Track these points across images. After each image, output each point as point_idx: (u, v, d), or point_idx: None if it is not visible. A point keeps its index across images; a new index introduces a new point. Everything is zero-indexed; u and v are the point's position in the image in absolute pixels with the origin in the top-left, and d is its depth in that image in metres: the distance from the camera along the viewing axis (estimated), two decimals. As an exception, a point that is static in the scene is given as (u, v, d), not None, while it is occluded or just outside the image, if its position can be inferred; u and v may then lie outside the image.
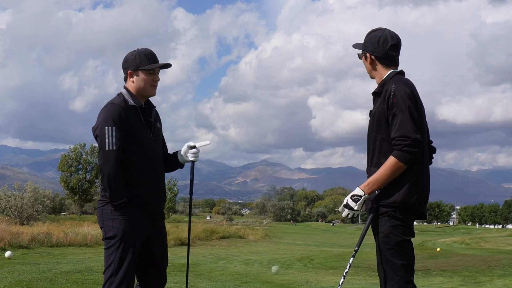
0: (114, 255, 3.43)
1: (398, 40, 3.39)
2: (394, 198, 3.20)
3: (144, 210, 3.51)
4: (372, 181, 3.19)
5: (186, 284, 4.03)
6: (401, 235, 3.21)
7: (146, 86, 3.57)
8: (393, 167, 3.13)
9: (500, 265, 14.49)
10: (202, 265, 14.47)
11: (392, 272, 3.19)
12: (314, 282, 10.73)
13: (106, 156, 3.42)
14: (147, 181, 3.53)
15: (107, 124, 3.43)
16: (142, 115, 3.59)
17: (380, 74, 3.40)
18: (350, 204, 3.21)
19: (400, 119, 3.15)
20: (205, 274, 11.36)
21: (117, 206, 3.42)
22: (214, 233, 34.31)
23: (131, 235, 3.44)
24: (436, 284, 10.44)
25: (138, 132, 3.52)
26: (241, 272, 12.47)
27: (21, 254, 15.03)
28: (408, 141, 3.11)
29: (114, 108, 3.48)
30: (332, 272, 14.33)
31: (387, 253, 3.22)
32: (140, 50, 3.60)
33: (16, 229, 20.32)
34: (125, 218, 3.43)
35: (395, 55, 3.39)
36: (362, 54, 3.46)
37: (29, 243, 17.49)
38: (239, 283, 9.69)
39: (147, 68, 3.53)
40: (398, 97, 3.18)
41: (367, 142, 3.38)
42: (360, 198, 3.18)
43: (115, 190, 3.40)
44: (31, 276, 9.14)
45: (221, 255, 20.39)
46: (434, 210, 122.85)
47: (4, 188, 36.15)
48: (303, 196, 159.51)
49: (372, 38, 3.38)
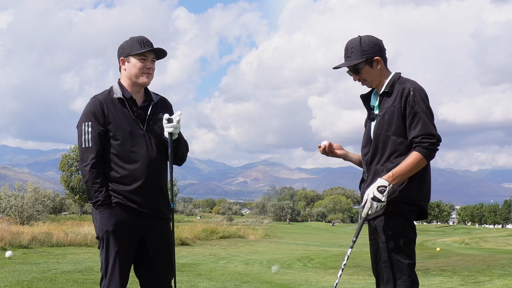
0: (102, 256, 3.34)
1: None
2: (403, 196, 3.20)
3: (129, 208, 3.32)
4: (396, 173, 3.14)
5: (174, 284, 3.60)
6: (408, 235, 3.23)
7: (137, 73, 3.36)
8: (417, 163, 3.14)
9: (500, 265, 14.49)
10: (202, 265, 14.46)
11: (399, 272, 3.18)
12: (314, 282, 10.73)
13: (83, 154, 3.32)
14: (132, 177, 3.32)
15: (84, 120, 3.34)
16: (130, 107, 3.40)
17: (385, 75, 3.37)
18: (377, 196, 3.12)
19: (423, 118, 3.17)
20: (205, 273, 11.36)
21: (96, 205, 3.30)
22: (214, 233, 34.25)
23: (112, 234, 3.28)
24: (435, 284, 10.44)
25: (121, 126, 3.33)
26: (241, 272, 12.47)
27: (22, 254, 15.02)
28: (434, 140, 3.16)
29: (92, 103, 3.37)
30: (332, 272, 14.32)
31: (393, 252, 3.20)
32: (133, 37, 3.44)
33: (17, 229, 20.34)
34: (103, 217, 3.30)
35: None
36: (365, 63, 3.32)
37: (30, 243, 17.47)
38: (239, 282, 9.70)
39: (137, 52, 3.35)
40: (418, 96, 3.19)
41: (373, 140, 3.31)
42: (386, 189, 3.12)
43: (92, 188, 3.29)
44: (32, 276, 9.14)
45: (221, 255, 20.38)
46: (434, 210, 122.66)
47: (5, 188, 36.17)
48: (303, 196, 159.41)
49: (369, 42, 3.33)
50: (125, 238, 3.32)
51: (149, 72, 3.41)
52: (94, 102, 3.36)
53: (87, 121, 3.31)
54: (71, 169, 59.98)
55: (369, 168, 3.33)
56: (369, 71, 3.34)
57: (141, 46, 3.37)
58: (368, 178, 3.35)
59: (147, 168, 3.35)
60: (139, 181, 3.33)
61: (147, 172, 3.35)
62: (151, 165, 3.37)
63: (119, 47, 3.46)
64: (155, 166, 3.40)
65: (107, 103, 3.36)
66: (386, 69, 3.39)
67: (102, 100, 3.37)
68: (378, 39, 3.38)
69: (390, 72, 3.40)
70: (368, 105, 3.47)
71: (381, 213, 3.24)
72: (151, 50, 3.39)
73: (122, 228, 3.31)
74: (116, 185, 3.32)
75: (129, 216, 3.33)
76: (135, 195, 3.33)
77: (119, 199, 3.31)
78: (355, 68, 3.35)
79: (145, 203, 3.36)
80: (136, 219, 3.34)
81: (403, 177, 3.15)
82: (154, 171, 3.39)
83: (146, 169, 3.34)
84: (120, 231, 3.30)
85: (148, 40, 3.42)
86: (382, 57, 3.36)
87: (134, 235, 3.35)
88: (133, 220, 3.33)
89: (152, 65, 3.42)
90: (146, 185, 3.35)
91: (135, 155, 3.34)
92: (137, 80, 3.40)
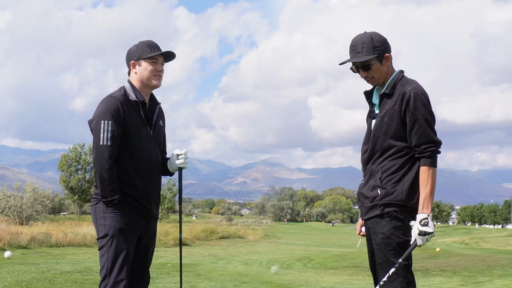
0: (107, 254, 3.33)
1: None
2: (396, 197, 3.19)
3: (137, 209, 3.41)
4: (425, 199, 3.16)
5: (180, 285, 3.97)
6: (402, 236, 3.20)
7: (149, 76, 3.45)
8: (433, 176, 3.16)
9: (500, 265, 14.48)
10: (202, 265, 14.46)
11: (395, 273, 3.16)
12: (314, 282, 10.72)
13: (100, 151, 3.31)
14: (142, 180, 3.42)
15: (104, 118, 3.32)
16: (142, 110, 3.48)
17: (390, 73, 3.32)
18: (424, 229, 3.13)
19: (423, 125, 3.15)
20: (204, 274, 11.35)
21: (109, 203, 3.32)
22: (214, 233, 34.28)
23: (124, 233, 3.33)
24: (435, 284, 10.43)
25: (136, 128, 3.41)
26: (240, 272, 12.45)
27: (21, 254, 15.01)
28: (436, 147, 3.18)
29: (112, 102, 3.36)
30: (331, 272, 14.31)
31: (388, 254, 3.20)
32: (142, 41, 3.53)
33: (16, 229, 20.29)
34: (117, 216, 3.33)
35: None
36: (376, 60, 3.27)
37: (29, 243, 17.49)
38: (238, 283, 9.68)
39: (149, 56, 3.44)
40: (419, 102, 3.16)
41: (371, 141, 3.30)
42: (428, 219, 3.14)
43: (107, 186, 3.30)
44: (31, 276, 9.12)
45: (221, 255, 20.37)
46: (433, 210, 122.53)
47: (4, 188, 36.13)
48: (302, 196, 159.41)
49: (379, 38, 3.28)
50: (133, 238, 3.42)
51: (160, 74, 3.50)
52: (115, 101, 3.37)
53: (107, 119, 3.31)
54: (70, 169, 59.98)
55: (366, 167, 3.35)
56: (378, 68, 3.28)
57: (151, 50, 3.46)
58: (365, 178, 3.37)
59: (155, 172, 3.52)
60: (148, 184, 3.46)
61: (154, 175, 3.51)
62: (158, 169, 3.56)
63: (129, 51, 3.54)
64: (159, 168, 3.57)
65: (125, 104, 3.39)
66: (392, 67, 3.35)
67: (123, 101, 3.39)
68: (384, 36, 3.34)
69: (394, 70, 3.35)
70: (370, 100, 3.43)
71: (374, 215, 3.23)
72: (160, 54, 3.49)
73: (132, 227, 3.40)
74: (126, 186, 3.38)
75: (137, 216, 3.42)
76: (144, 197, 3.43)
77: (130, 200, 3.39)
78: (365, 65, 3.27)
79: (151, 205, 3.49)
80: (140, 219, 3.45)
81: (431, 198, 3.17)
82: (158, 173, 3.57)
83: (153, 172, 3.50)
84: (130, 231, 3.39)
85: (157, 44, 3.52)
86: (390, 55, 3.33)
87: (137, 234, 3.44)
88: (138, 220, 3.44)
89: (162, 68, 3.52)
90: (153, 188, 3.50)
91: (145, 158, 3.45)
92: (148, 83, 3.49)
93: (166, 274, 10.71)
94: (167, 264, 14.00)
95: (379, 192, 3.22)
